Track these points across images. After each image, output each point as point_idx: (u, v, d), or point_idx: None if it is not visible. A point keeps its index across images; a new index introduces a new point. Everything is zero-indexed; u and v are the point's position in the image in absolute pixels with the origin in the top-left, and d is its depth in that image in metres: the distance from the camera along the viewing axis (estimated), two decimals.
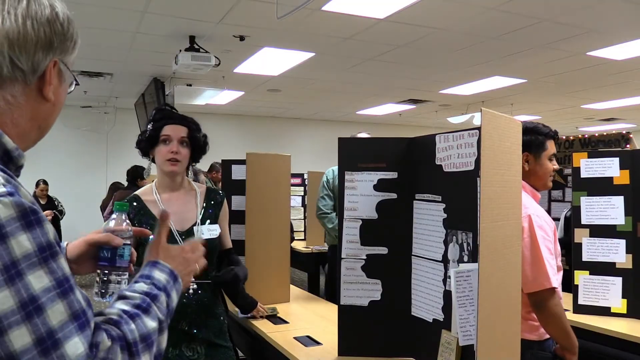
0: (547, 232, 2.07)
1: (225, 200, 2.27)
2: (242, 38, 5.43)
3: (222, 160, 3.80)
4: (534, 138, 2.21)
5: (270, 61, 6.47)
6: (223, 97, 8.64)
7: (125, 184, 7.03)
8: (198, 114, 2.27)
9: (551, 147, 2.26)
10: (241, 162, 3.37)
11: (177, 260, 1.06)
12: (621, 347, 2.69)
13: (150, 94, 7.54)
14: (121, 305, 0.88)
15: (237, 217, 3.16)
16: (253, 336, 2.86)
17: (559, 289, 2.05)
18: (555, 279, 2.02)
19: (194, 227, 2.10)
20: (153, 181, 2.25)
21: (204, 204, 2.19)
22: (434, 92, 8.51)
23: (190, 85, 7.42)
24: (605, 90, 8.29)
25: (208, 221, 2.15)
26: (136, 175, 7.06)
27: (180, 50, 5.37)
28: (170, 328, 1.97)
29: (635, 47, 5.73)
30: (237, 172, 3.58)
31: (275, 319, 2.90)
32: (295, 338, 2.55)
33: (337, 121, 12.18)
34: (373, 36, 5.43)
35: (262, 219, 3.07)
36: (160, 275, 0.99)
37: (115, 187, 7.43)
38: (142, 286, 0.94)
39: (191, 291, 2.03)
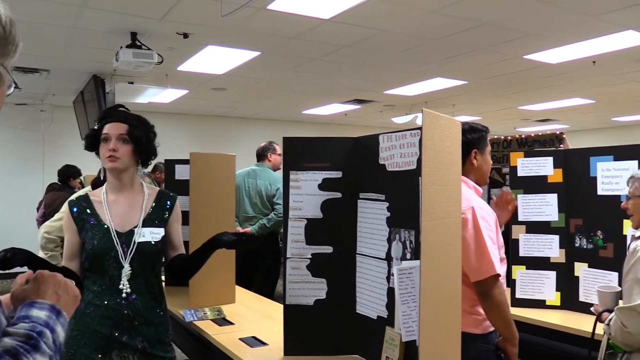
0: (490, 223, 2.14)
1: (177, 204, 2.22)
2: (185, 35, 5.33)
3: (165, 160, 3.73)
4: (480, 135, 2.29)
5: (215, 59, 6.39)
6: (166, 95, 8.46)
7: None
8: (140, 113, 2.21)
9: (489, 143, 2.35)
10: (185, 162, 3.31)
11: (52, 292, 1.03)
12: (556, 338, 2.82)
13: (90, 91, 7.29)
14: (11, 341, 0.85)
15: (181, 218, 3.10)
16: (197, 338, 2.82)
17: (503, 279, 2.12)
18: (499, 267, 2.09)
19: (135, 229, 2.05)
20: (91, 182, 2.19)
21: (152, 206, 2.14)
22: (378, 92, 8.64)
23: (132, 83, 7.23)
24: (541, 93, 8.64)
25: (156, 223, 2.10)
26: (67, 175, 6.84)
27: (122, 47, 5.23)
28: (99, 333, 1.89)
29: (568, 51, 6.00)
30: (181, 172, 3.53)
31: (220, 320, 2.87)
32: (240, 339, 2.53)
33: (284, 121, 12.16)
34: (318, 36, 5.45)
35: (206, 219, 3.03)
36: (39, 313, 0.95)
37: (52, 188, 7.16)
38: (23, 326, 0.90)
39: (124, 295, 1.97)
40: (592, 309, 2.25)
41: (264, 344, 2.46)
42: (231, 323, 2.83)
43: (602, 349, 2.05)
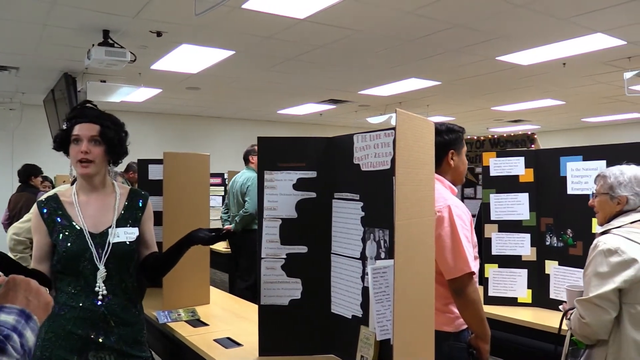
0: (465, 222, 2.16)
1: (149, 202, 2.20)
2: (159, 34, 5.27)
3: (139, 160, 3.68)
4: (456, 136, 2.31)
5: (189, 58, 6.34)
6: (140, 94, 8.36)
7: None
8: (113, 112, 2.17)
9: (465, 143, 2.38)
10: (158, 161, 3.27)
11: (23, 297, 1.03)
12: (527, 335, 2.87)
13: (61, 90, 7.16)
14: None
15: (154, 219, 3.07)
16: (172, 340, 2.79)
17: (476, 277, 2.15)
18: (474, 265, 2.12)
19: (109, 230, 2.02)
20: (71, 183, 2.14)
21: (125, 207, 2.11)
22: (353, 92, 8.67)
23: (104, 81, 7.12)
24: (513, 94, 8.78)
25: (129, 223, 2.07)
26: (28, 174, 6.72)
27: (93, 45, 5.15)
28: (74, 334, 1.86)
29: (539, 53, 6.11)
30: (154, 172, 3.49)
31: (194, 321, 2.84)
32: (215, 340, 2.51)
33: (258, 120, 12.13)
34: (293, 36, 5.45)
35: (180, 220, 3.00)
36: (7, 317, 0.95)
37: (22, 188, 7.03)
38: None
39: (100, 297, 1.95)
40: (560, 307, 2.29)
41: (238, 344, 2.45)
42: (205, 324, 2.81)
43: (566, 345, 2.10)
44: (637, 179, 2.06)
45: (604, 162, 2.88)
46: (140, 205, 2.15)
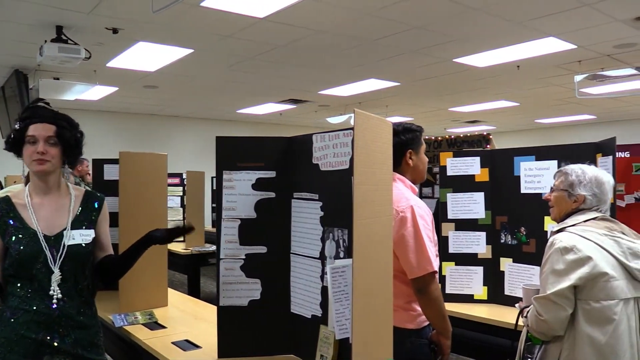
0: (427, 222, 2.19)
1: (105, 204, 2.15)
2: (115, 31, 5.16)
3: (93, 159, 3.61)
4: (413, 136, 2.33)
5: (146, 56, 6.22)
6: (95, 92, 8.16)
7: None
8: (67, 111, 2.11)
9: (423, 142, 2.41)
10: (114, 161, 3.21)
11: None
12: (483, 331, 2.94)
13: (12, 87, 6.92)
14: None
15: (110, 220, 3.01)
16: (129, 344, 2.74)
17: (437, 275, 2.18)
18: (436, 264, 2.14)
19: (64, 232, 1.97)
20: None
21: (80, 208, 2.05)
22: (313, 92, 8.68)
23: (58, 79, 6.93)
24: (470, 95, 8.96)
25: (85, 225, 2.02)
26: None
27: (46, 41, 4.99)
28: (27, 338, 1.81)
29: (494, 56, 6.26)
30: (110, 172, 3.42)
31: (152, 324, 2.80)
32: (173, 343, 2.47)
33: (218, 120, 12.01)
34: (253, 35, 5.42)
35: (136, 221, 2.95)
36: None
37: None
38: None
39: (55, 300, 1.90)
40: (516, 305, 2.35)
41: (197, 347, 2.43)
42: (163, 327, 2.76)
43: (522, 341, 2.15)
44: (597, 180, 2.11)
45: (555, 162, 2.97)
46: (96, 206, 2.11)
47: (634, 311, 1.92)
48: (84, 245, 1.98)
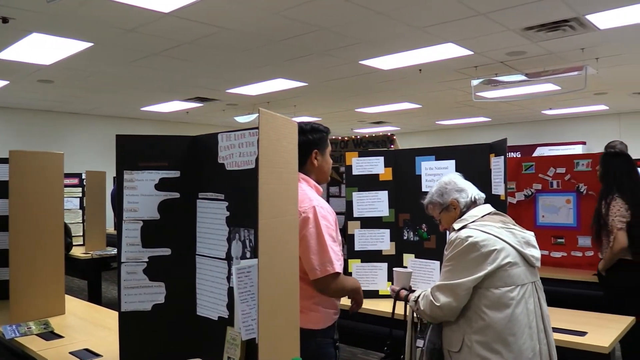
0: (330, 222, 2.21)
1: None
2: (5, 20, 4.80)
3: None
4: (320, 136, 2.34)
5: (41, 49, 5.84)
6: None
7: None
8: None
9: (329, 143, 2.44)
10: (3, 160, 3.00)
11: None
12: (387, 325, 3.03)
13: None
14: None
15: None
16: (21, 357, 2.56)
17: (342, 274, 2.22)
18: (339, 265, 2.17)
19: None
20: None
21: None
22: (221, 91, 8.56)
23: None
24: (375, 97, 9.22)
25: None
26: None
27: None
28: None
29: (398, 59, 6.49)
30: None
31: (47, 334, 2.63)
32: (71, 353, 2.35)
33: (120, 117, 11.53)
34: (158, 30, 5.25)
35: (29, 224, 2.77)
36: None
37: None
38: None
39: None
40: (389, 288, 2.49)
41: (98, 355, 2.33)
42: (60, 336, 2.62)
43: (409, 326, 2.29)
44: (443, 182, 2.32)
45: (453, 162, 3.13)
46: None
47: (532, 294, 2.07)
48: None
